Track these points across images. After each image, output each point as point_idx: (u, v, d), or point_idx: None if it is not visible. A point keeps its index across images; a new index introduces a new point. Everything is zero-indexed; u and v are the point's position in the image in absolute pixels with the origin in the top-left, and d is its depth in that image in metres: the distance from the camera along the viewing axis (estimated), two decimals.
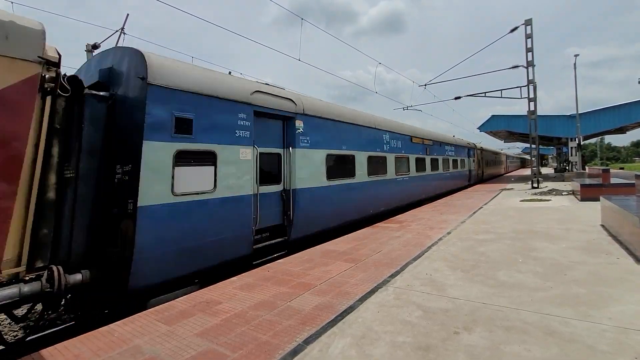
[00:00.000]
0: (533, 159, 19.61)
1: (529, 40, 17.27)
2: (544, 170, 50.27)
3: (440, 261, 5.30)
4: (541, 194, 14.94)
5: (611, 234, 6.50)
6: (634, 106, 22.56)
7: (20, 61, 3.44)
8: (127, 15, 6.49)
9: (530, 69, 17.47)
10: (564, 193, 14.63)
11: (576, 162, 25.96)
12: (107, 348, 3.00)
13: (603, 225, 7.32)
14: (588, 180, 13.68)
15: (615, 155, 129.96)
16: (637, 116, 22.40)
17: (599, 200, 7.99)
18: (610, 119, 23.77)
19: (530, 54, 17.35)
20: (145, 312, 3.78)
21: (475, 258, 5.38)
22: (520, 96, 18.25)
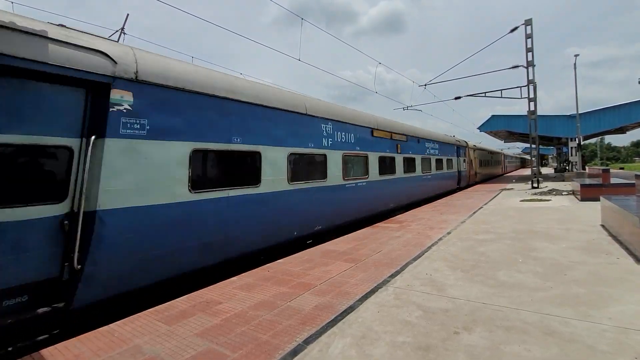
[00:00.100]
0: (533, 159, 19.62)
1: (529, 40, 17.28)
2: (544, 170, 50.29)
3: (440, 261, 5.31)
4: (541, 194, 14.94)
5: (611, 234, 6.50)
6: (634, 106, 22.58)
7: None
8: (127, 15, 6.48)
9: (530, 69, 17.48)
10: (564, 193, 14.63)
11: (576, 162, 25.97)
12: (107, 348, 3.00)
13: (603, 225, 7.32)
14: (588, 180, 13.68)
15: (615, 155, 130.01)
16: (637, 116, 22.41)
17: (599, 200, 7.99)
18: (610, 119, 23.79)
19: (530, 54, 17.36)
20: (145, 312, 3.78)
21: (475, 258, 5.39)
22: (520, 96, 18.27)
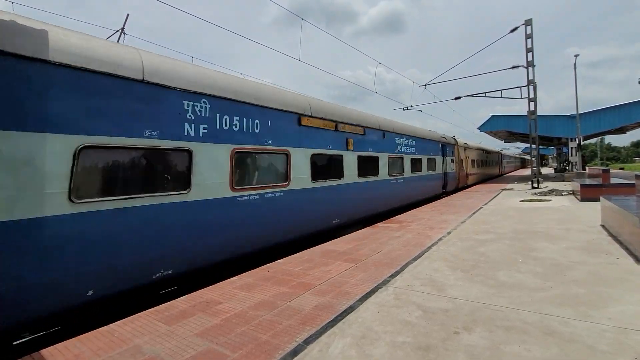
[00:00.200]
0: (533, 159, 19.62)
1: (529, 40, 17.28)
2: (544, 170, 50.29)
3: (440, 261, 5.31)
4: (541, 194, 14.93)
5: (611, 234, 6.50)
6: (634, 106, 22.57)
7: None
8: (127, 15, 6.49)
9: (530, 69, 17.48)
10: (564, 193, 14.63)
11: (576, 162, 25.97)
12: (107, 348, 3.00)
13: (603, 226, 7.32)
14: (588, 181, 13.68)
15: (615, 156, 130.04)
16: (637, 116, 22.40)
17: (599, 201, 7.98)
18: (610, 119, 23.79)
19: (530, 54, 17.36)
20: (145, 312, 3.78)
21: (475, 258, 5.39)
22: (520, 96, 18.27)
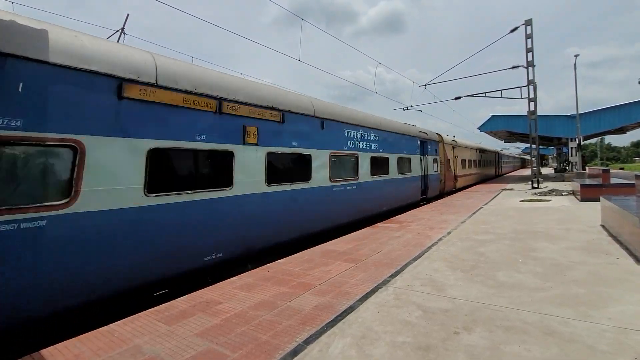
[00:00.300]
0: (533, 159, 19.63)
1: (529, 40, 17.28)
2: (544, 170, 50.29)
3: (440, 261, 5.31)
4: (541, 194, 14.93)
5: (611, 234, 6.50)
6: (634, 106, 22.56)
7: None
8: (127, 15, 6.49)
9: (530, 69, 17.48)
10: (564, 193, 14.63)
11: (576, 162, 25.97)
12: (107, 348, 3.00)
13: (603, 226, 7.32)
14: (588, 181, 13.68)
15: (615, 156, 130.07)
16: (637, 116, 22.40)
17: (599, 201, 7.98)
18: (610, 119, 23.78)
19: (530, 54, 17.35)
20: (145, 312, 3.78)
21: (475, 258, 5.39)
22: (520, 96, 18.27)
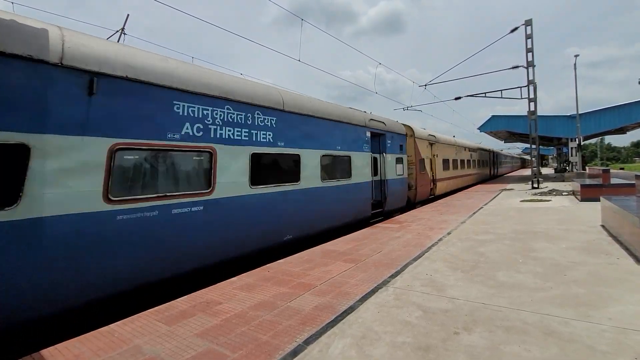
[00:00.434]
0: (533, 159, 19.64)
1: (529, 40, 17.28)
2: (544, 170, 50.29)
3: (440, 261, 5.31)
4: (541, 194, 14.94)
5: (611, 234, 6.50)
6: (634, 106, 22.58)
7: None
8: (128, 15, 6.49)
9: (531, 69, 17.49)
10: (564, 193, 14.63)
11: (576, 163, 25.99)
12: (107, 348, 3.00)
13: (603, 226, 7.32)
14: (588, 181, 13.68)
15: (615, 156, 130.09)
16: (637, 116, 22.41)
17: (599, 201, 7.99)
18: (610, 119, 23.80)
19: (530, 54, 17.36)
20: (145, 313, 3.79)
21: (475, 258, 5.39)
22: (520, 96, 18.28)
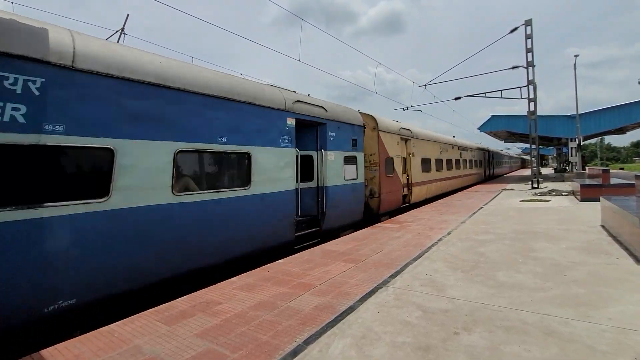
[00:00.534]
0: (533, 159, 19.64)
1: (529, 40, 17.28)
2: (544, 170, 50.30)
3: (440, 261, 5.31)
4: (541, 194, 14.93)
5: (611, 235, 6.50)
6: (634, 106, 22.57)
7: None
8: (128, 15, 6.49)
9: (530, 69, 17.48)
10: (564, 193, 14.63)
11: (576, 163, 25.99)
12: (107, 348, 3.00)
13: (603, 226, 7.32)
14: (588, 181, 13.68)
15: (615, 156, 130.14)
16: (637, 116, 22.41)
17: (599, 201, 7.99)
18: (610, 119, 23.80)
19: (530, 54, 17.36)
20: (145, 313, 3.78)
21: (475, 258, 5.39)
22: (520, 96, 18.28)
